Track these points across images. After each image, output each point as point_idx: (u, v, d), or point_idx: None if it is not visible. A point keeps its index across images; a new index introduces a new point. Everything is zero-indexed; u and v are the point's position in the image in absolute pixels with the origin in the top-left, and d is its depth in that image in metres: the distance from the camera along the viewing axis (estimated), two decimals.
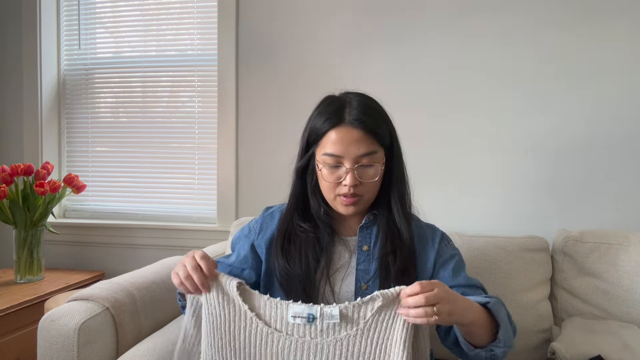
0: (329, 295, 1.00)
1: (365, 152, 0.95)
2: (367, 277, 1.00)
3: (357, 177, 0.96)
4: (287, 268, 1.00)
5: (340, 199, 0.99)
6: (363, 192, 0.98)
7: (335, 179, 0.97)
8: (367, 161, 0.96)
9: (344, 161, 0.96)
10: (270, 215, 1.13)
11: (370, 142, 0.95)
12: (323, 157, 0.98)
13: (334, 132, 0.96)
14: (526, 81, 1.73)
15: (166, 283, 1.33)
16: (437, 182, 1.80)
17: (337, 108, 0.98)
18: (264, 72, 1.97)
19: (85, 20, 2.23)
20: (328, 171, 0.98)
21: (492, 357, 0.90)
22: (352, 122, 0.95)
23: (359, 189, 0.97)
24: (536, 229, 1.69)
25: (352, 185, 0.96)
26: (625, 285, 1.36)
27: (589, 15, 1.67)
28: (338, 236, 1.06)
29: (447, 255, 1.05)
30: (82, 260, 2.17)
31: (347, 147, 0.95)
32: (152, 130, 2.18)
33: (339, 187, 0.98)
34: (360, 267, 1.01)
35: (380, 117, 0.99)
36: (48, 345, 1.04)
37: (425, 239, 1.05)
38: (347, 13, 1.88)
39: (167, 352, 1.07)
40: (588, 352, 1.13)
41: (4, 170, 1.79)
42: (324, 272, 1.02)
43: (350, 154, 0.95)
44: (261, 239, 1.09)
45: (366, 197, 0.99)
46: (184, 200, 2.16)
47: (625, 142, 1.66)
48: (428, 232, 1.07)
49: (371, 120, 0.96)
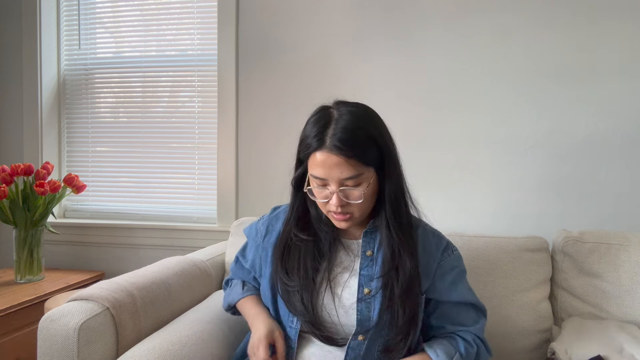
0: (329, 301, 1.00)
1: (348, 176, 0.92)
2: (371, 282, 1.00)
3: (343, 199, 0.94)
4: (286, 280, 1.01)
5: (332, 215, 0.99)
6: (352, 211, 0.96)
7: (323, 197, 0.97)
8: (352, 183, 0.93)
9: (329, 183, 0.94)
10: (276, 217, 1.14)
11: (352, 165, 0.91)
12: (312, 178, 0.97)
13: (318, 154, 0.93)
14: (526, 81, 1.73)
15: (166, 283, 1.32)
16: (436, 182, 1.80)
17: (322, 126, 0.94)
18: (264, 72, 1.97)
19: (85, 20, 2.23)
20: (317, 190, 0.98)
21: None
22: (331, 148, 0.91)
23: (347, 208, 0.96)
24: (536, 229, 1.70)
25: (338, 206, 0.95)
26: (625, 285, 1.36)
27: (589, 15, 1.67)
28: (340, 239, 1.06)
29: (448, 267, 1.05)
30: (82, 260, 2.17)
31: (329, 171, 0.92)
32: (152, 130, 2.18)
33: (328, 205, 0.97)
34: (363, 272, 1.01)
35: (366, 139, 0.93)
36: (48, 345, 1.04)
37: (430, 249, 1.04)
38: (347, 13, 1.88)
39: (167, 352, 1.06)
40: (588, 352, 1.13)
41: (4, 170, 1.79)
42: (324, 275, 1.02)
43: (333, 178, 0.93)
44: (267, 242, 1.11)
45: (357, 215, 0.97)
46: (184, 200, 2.16)
47: (625, 142, 1.66)
48: (433, 240, 1.06)
49: (352, 145, 0.91)
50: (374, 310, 0.98)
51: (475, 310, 1.07)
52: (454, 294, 1.04)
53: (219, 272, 1.64)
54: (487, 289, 1.42)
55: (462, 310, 1.05)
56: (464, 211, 1.80)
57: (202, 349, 1.13)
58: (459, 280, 1.05)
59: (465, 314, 1.05)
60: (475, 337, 1.04)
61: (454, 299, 1.04)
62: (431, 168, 1.81)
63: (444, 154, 1.81)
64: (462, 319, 1.05)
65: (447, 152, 1.80)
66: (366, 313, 0.98)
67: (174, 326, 1.21)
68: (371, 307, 0.98)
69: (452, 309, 1.05)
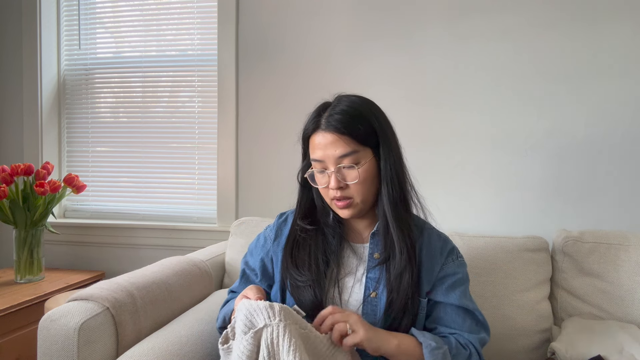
0: (337, 302, 1.00)
1: (343, 153, 0.94)
2: (377, 285, 0.99)
3: (341, 179, 0.95)
4: (298, 275, 1.00)
5: (334, 203, 0.99)
6: (352, 194, 0.96)
7: (324, 183, 0.98)
8: (348, 162, 0.94)
9: (327, 165, 0.96)
10: (285, 221, 1.13)
11: (346, 142, 0.94)
12: (312, 163, 0.99)
13: (315, 137, 0.97)
14: (526, 81, 1.73)
15: (166, 283, 1.33)
16: (437, 182, 1.80)
17: (318, 113, 0.98)
18: (264, 72, 1.97)
19: (85, 20, 2.23)
20: (318, 176, 0.99)
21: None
22: (326, 126, 0.95)
23: (347, 191, 0.96)
24: (536, 229, 1.70)
25: (336, 188, 0.95)
26: (625, 285, 1.36)
27: (589, 15, 1.67)
28: (347, 242, 1.06)
29: (450, 271, 1.03)
30: (82, 260, 2.17)
31: (324, 150, 0.95)
32: (152, 130, 2.18)
33: (330, 192, 0.97)
34: (369, 275, 1.00)
35: (359, 117, 0.96)
36: (48, 345, 1.04)
37: (434, 252, 1.03)
38: (347, 13, 1.88)
39: (167, 352, 1.07)
40: (588, 352, 1.13)
41: (4, 170, 1.79)
42: (332, 276, 1.02)
43: (329, 157, 0.95)
44: (277, 246, 1.10)
45: (358, 200, 0.97)
46: (184, 200, 2.16)
47: (625, 142, 1.66)
48: (438, 244, 1.05)
49: (344, 121, 0.94)
50: (379, 313, 0.98)
51: (473, 320, 1.02)
52: (451, 297, 1.01)
53: (219, 272, 1.64)
54: (487, 289, 1.42)
55: (457, 315, 1.01)
56: (464, 211, 1.80)
57: (201, 349, 1.13)
58: (458, 286, 1.03)
59: (460, 319, 1.01)
60: (470, 343, 0.99)
61: (449, 302, 1.01)
62: (431, 168, 1.81)
63: (444, 154, 1.81)
64: (455, 323, 1.01)
65: (447, 152, 1.80)
66: (372, 316, 0.98)
67: (174, 326, 1.21)
68: (377, 310, 0.98)
69: (446, 310, 1.01)
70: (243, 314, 0.84)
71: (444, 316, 1.01)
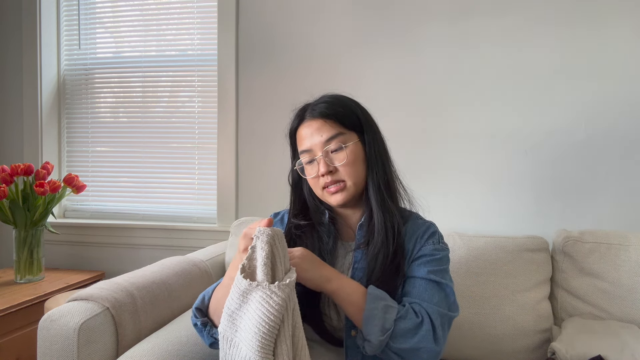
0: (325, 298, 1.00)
1: (329, 136, 0.98)
2: (362, 274, 0.99)
3: (329, 163, 0.98)
4: None
5: (326, 191, 1.00)
6: (343, 177, 0.99)
7: (314, 172, 1.00)
8: (334, 145, 0.98)
9: (315, 152, 1.00)
10: (281, 220, 1.14)
11: (331, 126, 0.98)
12: (301, 156, 1.02)
13: (301, 130, 1.03)
14: (526, 81, 1.73)
15: (166, 283, 1.33)
16: (437, 182, 1.80)
17: (301, 109, 1.04)
18: (264, 72, 1.97)
19: (85, 20, 2.23)
20: (307, 167, 1.02)
21: (367, 346, 0.89)
22: (311, 114, 1.01)
23: (337, 175, 0.99)
24: (536, 229, 1.70)
25: (326, 173, 0.98)
26: (625, 285, 1.36)
27: (589, 15, 1.67)
28: (340, 242, 1.07)
29: (427, 252, 1.00)
30: (82, 260, 2.17)
31: (311, 138, 0.99)
32: (152, 130, 2.18)
33: (320, 180, 0.99)
34: (357, 266, 1.01)
35: (342, 104, 1.01)
36: (48, 345, 1.04)
37: (417, 236, 1.02)
38: (347, 13, 1.88)
39: (167, 352, 1.07)
40: (588, 352, 1.13)
41: (4, 170, 1.79)
42: None
43: (316, 143, 0.99)
44: None
45: (349, 183, 0.99)
46: (184, 200, 2.16)
47: (625, 142, 1.66)
48: (422, 228, 1.04)
49: (329, 107, 0.99)
50: None
51: (442, 296, 0.96)
52: (421, 271, 0.97)
53: (219, 272, 1.64)
54: (487, 289, 1.42)
55: (425, 289, 0.95)
56: (464, 211, 1.80)
57: (201, 349, 1.13)
58: (432, 263, 0.98)
59: (428, 294, 0.95)
60: (425, 312, 0.92)
61: (419, 275, 0.97)
62: (431, 168, 1.81)
63: (444, 154, 1.80)
64: (422, 296, 0.95)
65: (447, 152, 1.80)
66: None
67: (174, 326, 1.21)
68: None
69: (414, 284, 0.97)
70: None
71: (412, 289, 0.97)
